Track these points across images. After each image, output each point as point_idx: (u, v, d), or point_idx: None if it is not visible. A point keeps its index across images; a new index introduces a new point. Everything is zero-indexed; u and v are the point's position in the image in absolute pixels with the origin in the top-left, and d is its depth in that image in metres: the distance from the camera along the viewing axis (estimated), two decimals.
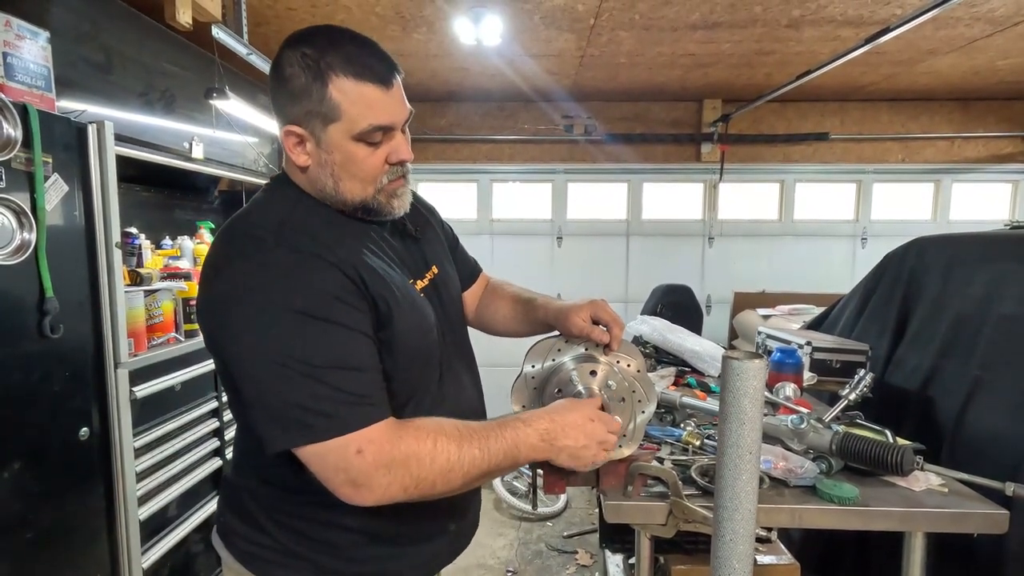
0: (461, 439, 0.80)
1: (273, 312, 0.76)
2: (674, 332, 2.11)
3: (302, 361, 0.75)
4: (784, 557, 1.42)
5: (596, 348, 1.08)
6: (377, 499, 0.77)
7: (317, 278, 0.79)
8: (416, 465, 0.77)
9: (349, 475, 0.76)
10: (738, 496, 0.74)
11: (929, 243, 1.98)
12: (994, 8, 2.57)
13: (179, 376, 1.95)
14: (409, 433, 0.78)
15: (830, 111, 4.33)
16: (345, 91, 0.81)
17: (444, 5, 2.57)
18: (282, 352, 0.75)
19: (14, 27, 1.53)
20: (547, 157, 4.41)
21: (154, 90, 2.44)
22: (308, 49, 0.82)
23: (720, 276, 4.54)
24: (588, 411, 0.92)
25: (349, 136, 0.83)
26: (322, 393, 0.75)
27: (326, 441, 0.75)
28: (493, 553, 2.79)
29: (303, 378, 0.75)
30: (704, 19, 2.72)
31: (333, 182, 0.86)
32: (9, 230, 1.42)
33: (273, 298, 0.76)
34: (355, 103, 0.82)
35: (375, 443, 0.76)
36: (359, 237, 0.90)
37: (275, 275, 0.78)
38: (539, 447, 0.86)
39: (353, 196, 0.87)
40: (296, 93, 0.82)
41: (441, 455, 0.78)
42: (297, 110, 0.83)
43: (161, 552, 1.87)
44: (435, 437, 0.79)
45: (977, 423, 1.53)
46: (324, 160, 0.85)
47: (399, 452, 0.77)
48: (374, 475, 0.76)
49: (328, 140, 0.83)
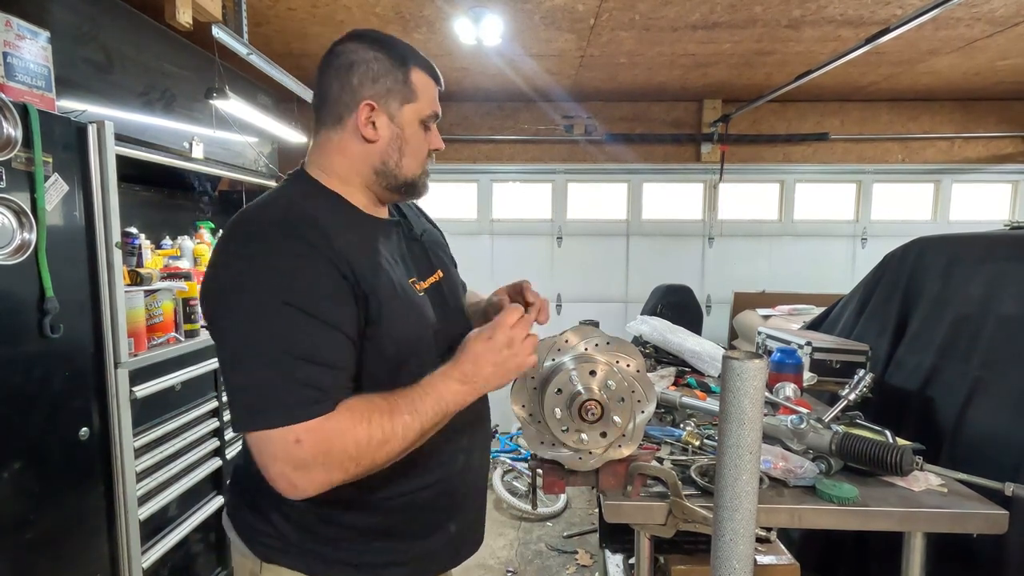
0: (392, 411, 0.82)
1: (264, 302, 0.79)
2: (674, 332, 2.11)
3: (278, 350, 0.78)
4: (784, 557, 1.42)
5: (596, 348, 1.09)
6: (312, 487, 0.79)
7: (311, 273, 0.82)
8: (356, 449, 0.79)
9: (285, 464, 0.77)
10: (738, 496, 0.74)
11: (929, 243, 1.98)
12: (994, 8, 2.57)
13: (179, 376, 1.95)
14: (346, 418, 0.80)
15: (830, 111, 4.33)
16: (419, 80, 0.95)
17: (444, 5, 2.57)
18: (262, 340, 0.79)
19: (14, 27, 1.53)
20: (547, 157, 4.41)
21: (154, 90, 2.44)
22: (387, 41, 0.95)
23: (720, 276, 4.54)
24: (487, 331, 0.91)
25: (418, 118, 0.95)
26: (284, 382, 0.78)
27: (271, 429, 0.77)
28: (493, 553, 2.79)
29: (271, 363, 0.78)
30: (704, 19, 2.73)
31: (398, 156, 0.95)
32: (9, 230, 1.42)
33: (267, 289, 0.80)
34: (424, 91, 0.95)
35: (314, 433, 0.77)
36: (369, 233, 0.94)
37: (273, 266, 0.81)
38: (464, 390, 0.87)
39: (408, 172, 0.96)
40: (377, 74, 0.92)
41: (376, 431, 0.80)
42: (377, 88, 0.92)
43: (161, 552, 1.86)
44: (368, 416, 0.81)
45: (977, 423, 1.53)
46: (395, 135, 0.94)
47: (341, 442, 0.78)
48: (312, 464, 0.77)
49: (402, 118, 0.94)
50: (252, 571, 0.94)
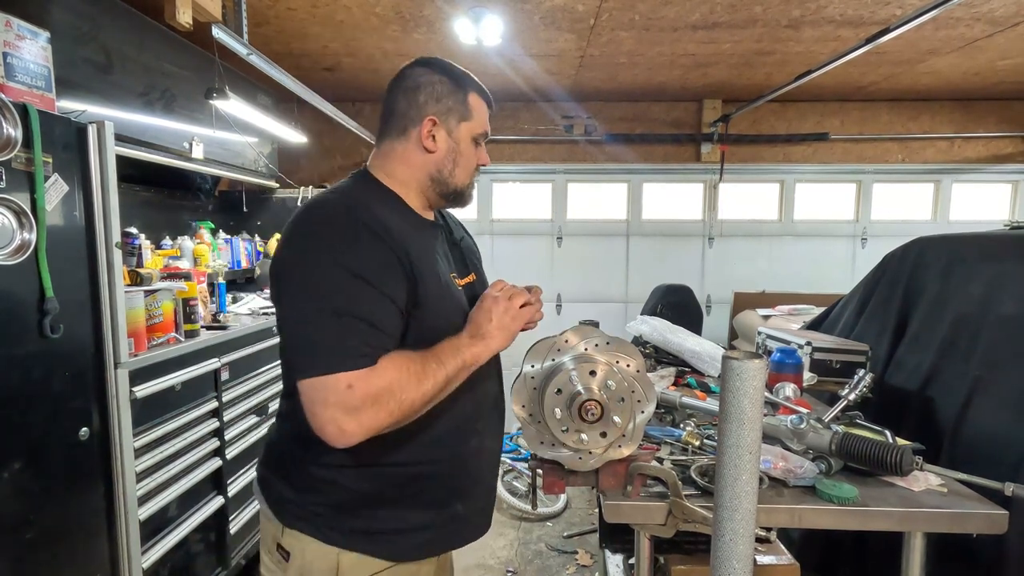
0: (423, 359, 0.95)
1: (331, 271, 0.92)
2: (674, 332, 2.11)
3: (336, 307, 0.91)
4: (784, 557, 1.42)
5: (595, 348, 1.09)
6: (364, 430, 0.89)
7: (369, 247, 0.95)
8: (398, 387, 0.91)
9: (338, 410, 0.87)
10: (738, 496, 0.74)
11: (929, 243, 1.98)
12: (994, 8, 2.57)
13: (179, 376, 1.95)
14: (384, 364, 0.91)
15: (830, 111, 4.33)
16: (475, 102, 1.11)
17: (444, 5, 2.57)
18: (323, 297, 0.91)
19: (14, 27, 1.53)
20: (547, 157, 4.41)
21: (154, 90, 2.44)
22: (449, 68, 1.11)
23: (720, 276, 4.54)
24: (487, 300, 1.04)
25: (471, 135, 1.10)
26: (341, 336, 0.90)
27: (327, 376, 0.88)
28: (493, 553, 2.79)
29: (332, 319, 0.90)
30: (704, 19, 2.73)
31: (452, 166, 1.09)
32: (9, 230, 1.42)
33: (334, 260, 0.92)
34: (478, 113, 1.11)
35: (362, 379, 0.88)
36: (420, 231, 1.07)
37: (340, 243, 0.94)
38: (474, 343, 1.00)
39: (458, 182, 1.11)
40: (440, 95, 1.07)
41: (412, 375, 0.92)
42: (440, 107, 1.07)
43: (161, 552, 1.86)
44: (405, 363, 0.93)
45: (977, 423, 1.53)
46: (451, 148, 1.09)
47: (383, 382, 0.90)
48: (360, 407, 0.88)
49: (458, 133, 1.09)
50: (274, 535, 1.05)
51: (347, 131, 3.83)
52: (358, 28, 2.85)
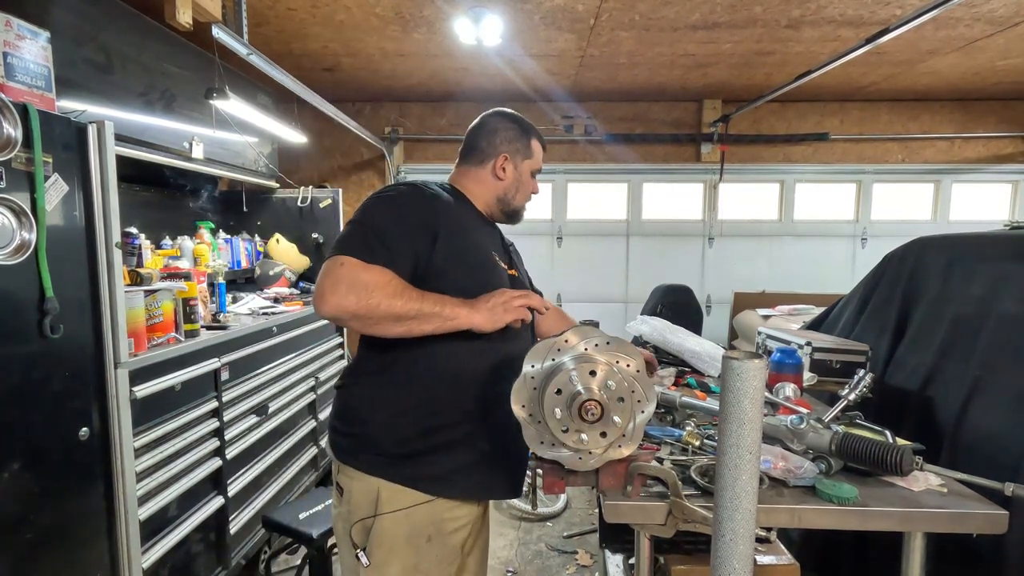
0: (409, 288, 1.16)
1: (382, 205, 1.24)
2: (674, 332, 2.11)
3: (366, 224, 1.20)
4: (784, 557, 1.42)
5: (596, 348, 1.09)
6: (336, 304, 1.11)
7: (410, 202, 1.25)
8: (373, 284, 1.12)
9: (329, 280, 1.11)
10: (738, 496, 0.74)
11: (929, 243, 1.98)
12: (994, 8, 2.57)
13: (179, 376, 1.95)
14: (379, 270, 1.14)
15: (830, 111, 4.34)
16: (535, 146, 1.46)
17: (444, 5, 2.57)
18: (361, 218, 1.22)
19: (14, 27, 1.53)
20: (547, 157, 4.39)
21: (154, 90, 2.44)
22: (518, 119, 1.45)
23: (720, 276, 4.54)
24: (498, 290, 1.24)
25: (530, 170, 1.45)
26: (356, 237, 1.17)
27: (332, 257, 1.14)
28: (493, 553, 2.79)
29: (360, 228, 1.19)
30: (704, 19, 2.73)
31: (515, 192, 1.43)
32: (9, 230, 1.42)
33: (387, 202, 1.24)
34: (537, 154, 1.47)
35: (354, 264, 1.13)
36: (475, 220, 1.39)
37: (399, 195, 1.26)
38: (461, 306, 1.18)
39: (518, 204, 1.46)
40: (512, 138, 1.42)
41: (390, 286, 1.13)
42: (511, 147, 1.41)
43: (161, 552, 1.86)
44: (391, 275, 1.15)
45: (977, 423, 1.53)
46: (516, 178, 1.43)
47: (368, 276, 1.12)
48: (340, 283, 1.11)
49: (521, 168, 1.44)
50: (334, 474, 1.30)
51: (347, 131, 3.83)
52: (358, 28, 2.85)
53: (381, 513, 1.20)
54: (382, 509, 1.20)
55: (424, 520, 1.21)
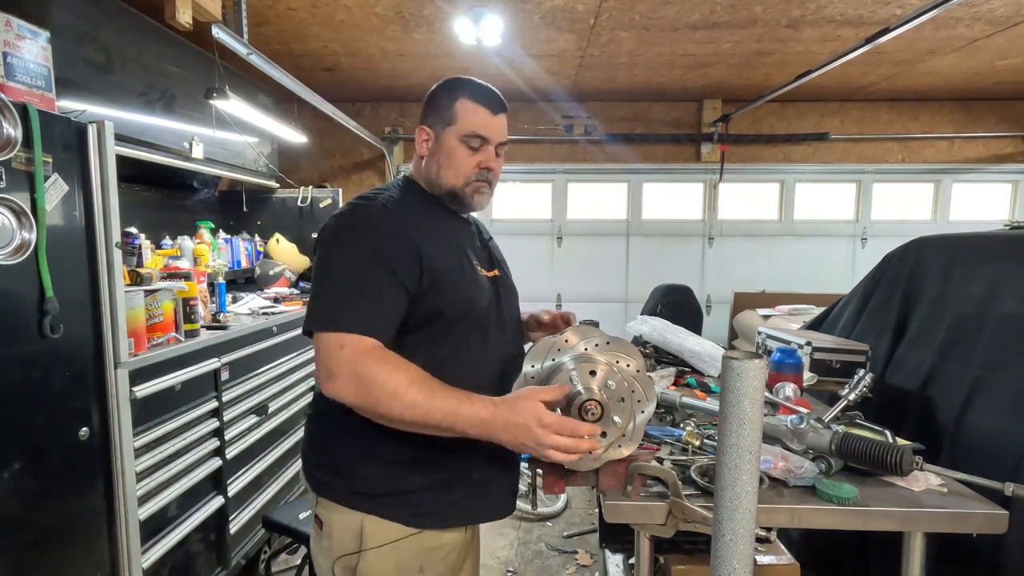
0: (413, 382, 0.98)
1: (351, 246, 1.07)
2: (674, 332, 2.11)
3: (352, 277, 1.04)
4: (784, 557, 1.42)
5: (596, 348, 1.09)
6: (336, 391, 0.99)
7: (388, 234, 1.07)
8: (373, 381, 0.97)
9: (327, 363, 1.00)
10: (738, 496, 0.74)
11: (929, 243, 1.98)
12: (994, 8, 2.57)
13: (179, 376, 1.95)
14: (380, 358, 0.99)
15: (830, 111, 4.33)
16: (465, 107, 1.17)
17: (444, 5, 2.57)
18: (340, 269, 1.05)
19: (14, 27, 1.53)
20: (547, 157, 4.41)
21: (154, 90, 2.44)
22: (454, 81, 1.20)
23: (720, 276, 4.54)
24: (539, 415, 0.96)
25: (456, 137, 1.17)
26: (346, 300, 1.02)
27: (327, 333, 1.00)
28: (493, 553, 2.79)
29: (343, 286, 1.03)
30: (704, 19, 2.73)
31: (437, 167, 1.19)
32: (9, 230, 1.41)
33: (354, 238, 1.07)
34: (469, 116, 1.17)
35: (354, 347, 0.98)
36: (447, 223, 1.20)
37: (363, 224, 1.09)
38: (475, 426, 0.98)
39: (447, 182, 1.19)
40: (431, 105, 1.20)
41: (392, 383, 0.97)
42: (431, 117, 1.19)
43: (161, 552, 1.86)
44: (398, 368, 0.98)
45: (977, 423, 1.53)
46: (435, 151, 1.19)
47: (367, 364, 0.98)
48: (342, 369, 0.98)
49: (443, 138, 1.18)
50: (313, 506, 1.19)
51: (347, 131, 3.83)
52: (358, 28, 2.85)
53: (366, 549, 1.09)
54: (367, 544, 1.09)
55: (413, 551, 1.11)
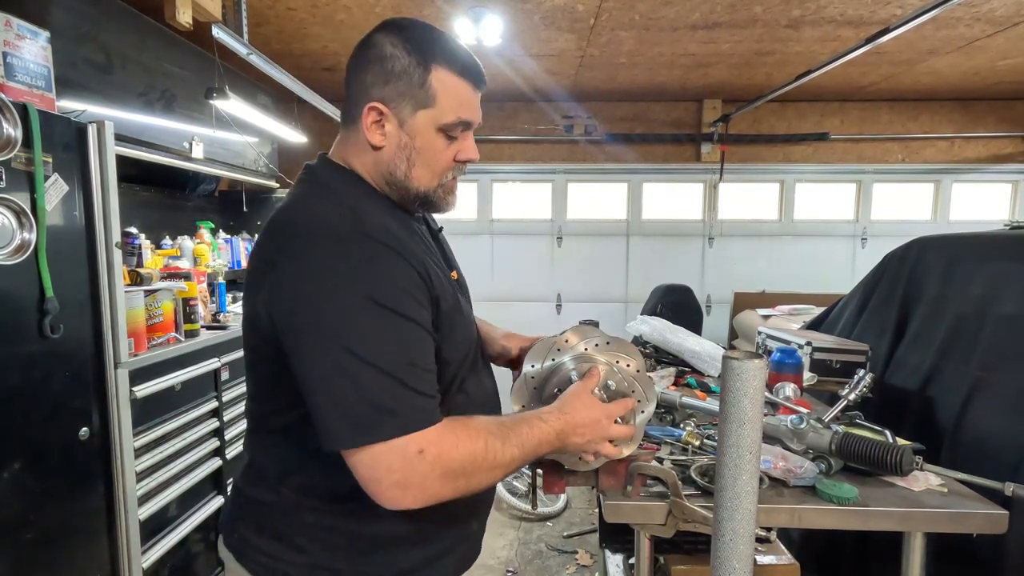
0: (503, 437, 0.80)
1: (348, 301, 0.73)
2: (674, 332, 2.11)
3: (374, 354, 0.73)
4: (784, 557, 1.42)
5: (595, 348, 1.09)
6: (426, 500, 0.75)
7: (390, 270, 0.77)
8: (472, 466, 0.77)
9: (404, 476, 0.73)
10: (738, 496, 0.74)
11: (929, 243, 1.98)
12: (994, 8, 2.57)
13: (179, 376, 1.95)
14: (463, 434, 0.77)
15: (830, 111, 4.33)
16: (444, 82, 0.83)
17: (444, 5, 2.57)
18: (354, 342, 0.73)
19: (14, 27, 1.53)
20: (547, 157, 4.40)
21: (154, 90, 2.44)
22: (415, 35, 0.83)
23: (720, 276, 4.54)
24: (604, 409, 0.94)
25: (435, 125, 0.85)
26: (390, 390, 0.73)
27: (387, 441, 0.72)
28: (493, 553, 2.79)
29: (373, 371, 0.72)
30: (704, 19, 2.72)
31: (407, 167, 0.86)
32: (9, 230, 1.42)
33: (350, 287, 0.74)
34: (451, 95, 0.84)
35: (436, 445, 0.74)
36: (410, 229, 0.89)
37: (352, 263, 0.75)
38: (553, 443, 0.87)
39: (420, 185, 0.88)
40: (393, 73, 0.82)
41: (490, 455, 0.78)
42: (389, 90, 0.83)
43: (161, 552, 1.86)
44: (485, 437, 0.79)
45: (977, 423, 1.53)
46: (403, 143, 0.85)
47: (459, 455, 0.75)
48: (430, 476, 0.74)
49: (414, 124, 0.84)
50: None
51: None
52: (358, 28, 2.85)
53: None
54: None
55: None
